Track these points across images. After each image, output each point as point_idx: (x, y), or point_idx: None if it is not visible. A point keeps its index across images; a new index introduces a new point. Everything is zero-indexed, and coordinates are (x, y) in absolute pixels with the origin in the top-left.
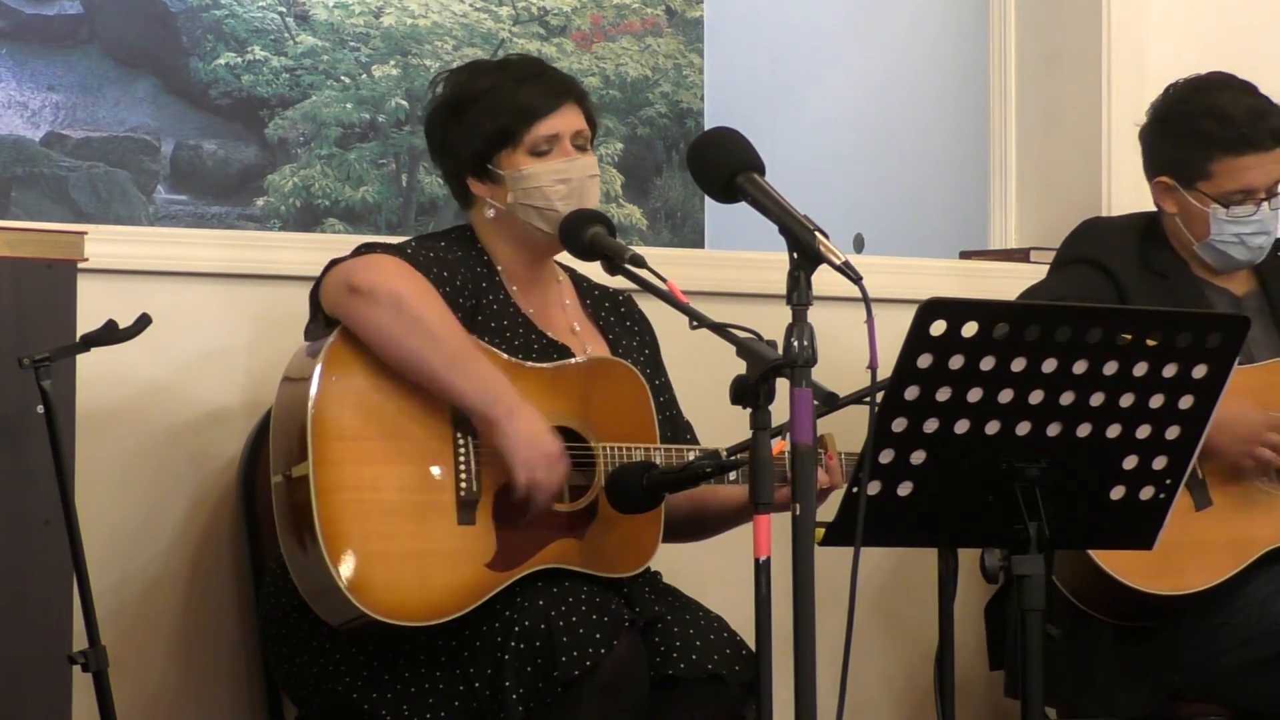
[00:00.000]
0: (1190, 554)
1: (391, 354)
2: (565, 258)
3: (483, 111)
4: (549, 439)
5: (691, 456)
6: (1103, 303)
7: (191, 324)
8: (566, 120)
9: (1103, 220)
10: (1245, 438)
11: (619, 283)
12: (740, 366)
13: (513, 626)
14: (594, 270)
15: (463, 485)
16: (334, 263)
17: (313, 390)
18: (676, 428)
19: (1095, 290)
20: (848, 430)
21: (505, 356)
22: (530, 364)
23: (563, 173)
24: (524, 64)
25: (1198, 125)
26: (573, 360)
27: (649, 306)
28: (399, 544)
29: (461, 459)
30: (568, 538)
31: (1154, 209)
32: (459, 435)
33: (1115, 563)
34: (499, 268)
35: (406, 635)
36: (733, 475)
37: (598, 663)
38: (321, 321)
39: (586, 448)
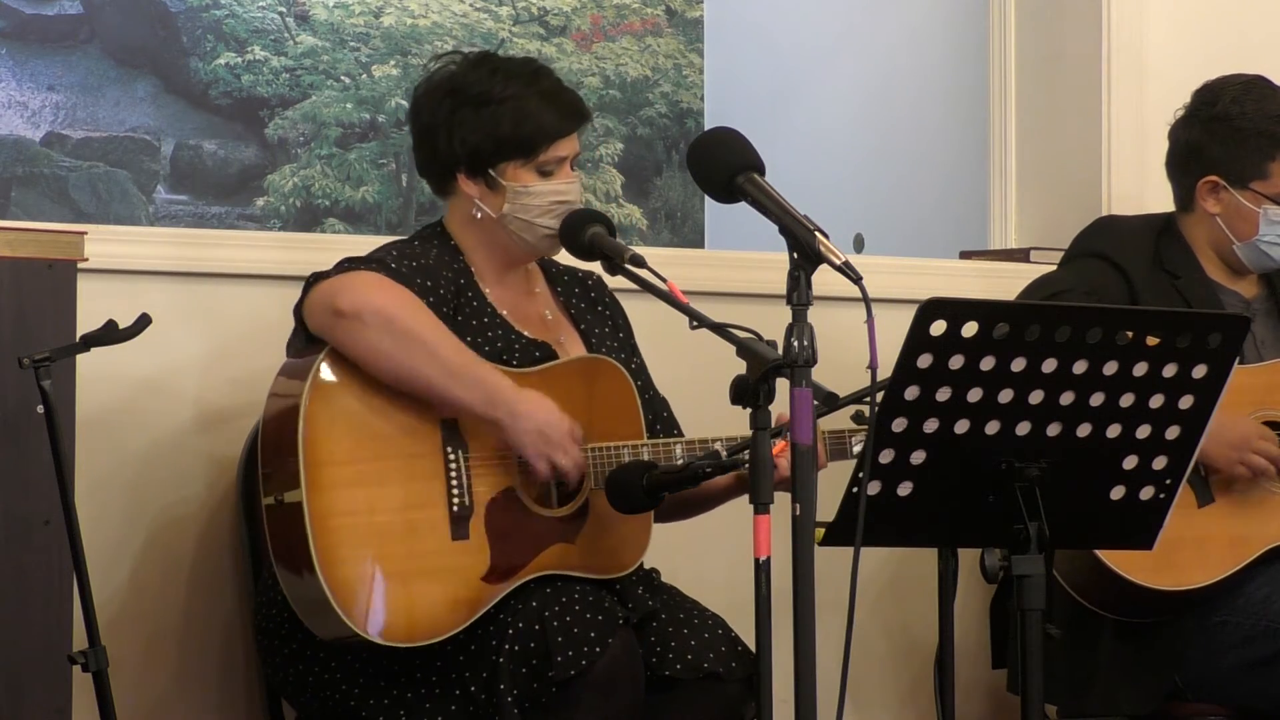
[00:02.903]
0: (1191, 550)
1: (387, 372)
2: None
3: (503, 117)
4: (554, 423)
5: (679, 451)
6: (1112, 298)
7: (192, 324)
8: (573, 144)
9: (1118, 218)
10: (1237, 445)
11: (590, 266)
12: (740, 366)
13: (507, 629)
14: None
15: (455, 500)
16: (316, 277)
17: (302, 415)
18: (655, 406)
19: (1106, 285)
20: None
21: (491, 365)
22: (515, 370)
23: (562, 194)
24: (547, 79)
25: (1260, 126)
26: (558, 362)
27: (648, 305)
28: (394, 565)
29: (453, 474)
30: (560, 542)
31: (1163, 210)
32: (449, 450)
33: (1116, 557)
34: (473, 268)
35: (400, 649)
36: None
37: (593, 662)
38: (304, 337)
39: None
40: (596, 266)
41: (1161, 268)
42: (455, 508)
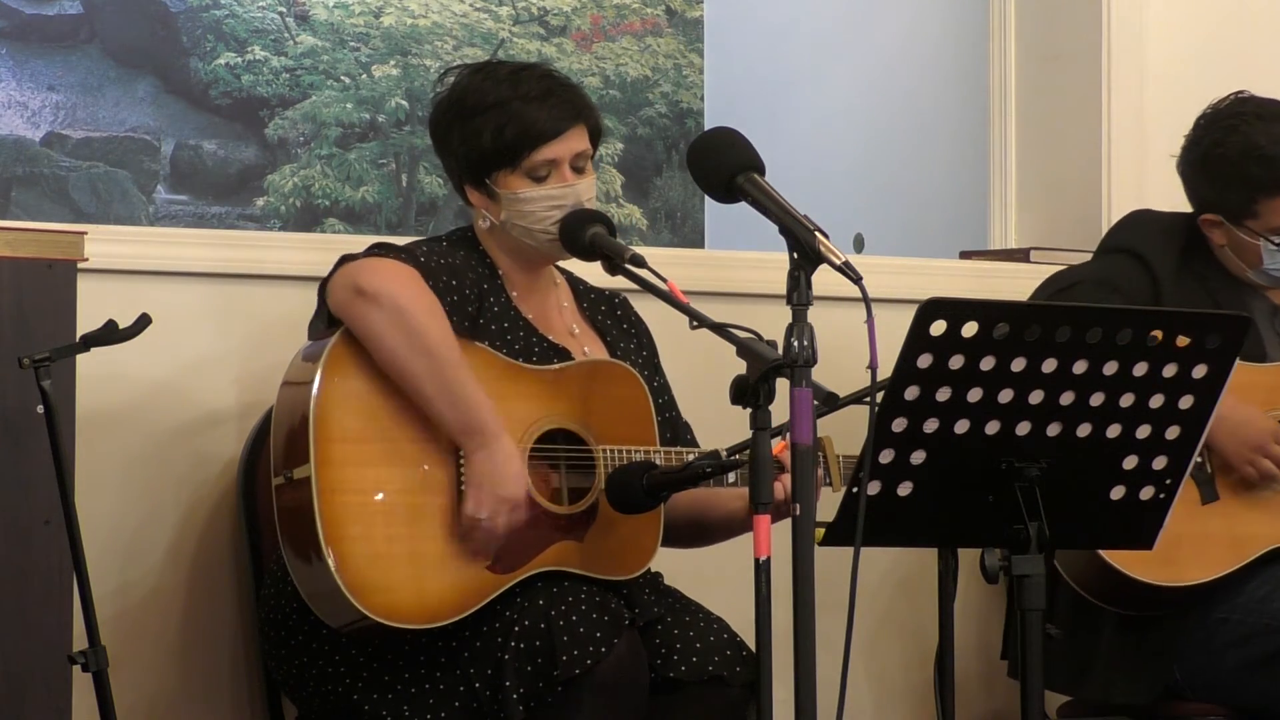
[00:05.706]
0: (1192, 547)
1: (385, 361)
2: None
3: (487, 126)
4: (511, 485)
5: (691, 458)
6: (1135, 293)
7: (191, 324)
8: (568, 144)
9: (1151, 213)
10: (1252, 444)
11: (615, 284)
12: (740, 366)
13: (513, 626)
14: (590, 273)
15: (463, 487)
16: (346, 259)
17: (314, 392)
18: (676, 428)
19: (1129, 280)
20: (848, 430)
21: (507, 359)
22: (531, 367)
23: (557, 199)
24: (537, 81)
25: (1240, 169)
26: (573, 362)
27: (648, 305)
28: (400, 546)
29: (463, 461)
30: (568, 540)
31: (1163, 210)
32: None
33: (1116, 553)
34: (500, 271)
35: (407, 637)
36: (732, 478)
37: (598, 662)
38: (325, 318)
39: (587, 450)
40: (595, 268)
41: (1189, 268)
42: (463, 495)
